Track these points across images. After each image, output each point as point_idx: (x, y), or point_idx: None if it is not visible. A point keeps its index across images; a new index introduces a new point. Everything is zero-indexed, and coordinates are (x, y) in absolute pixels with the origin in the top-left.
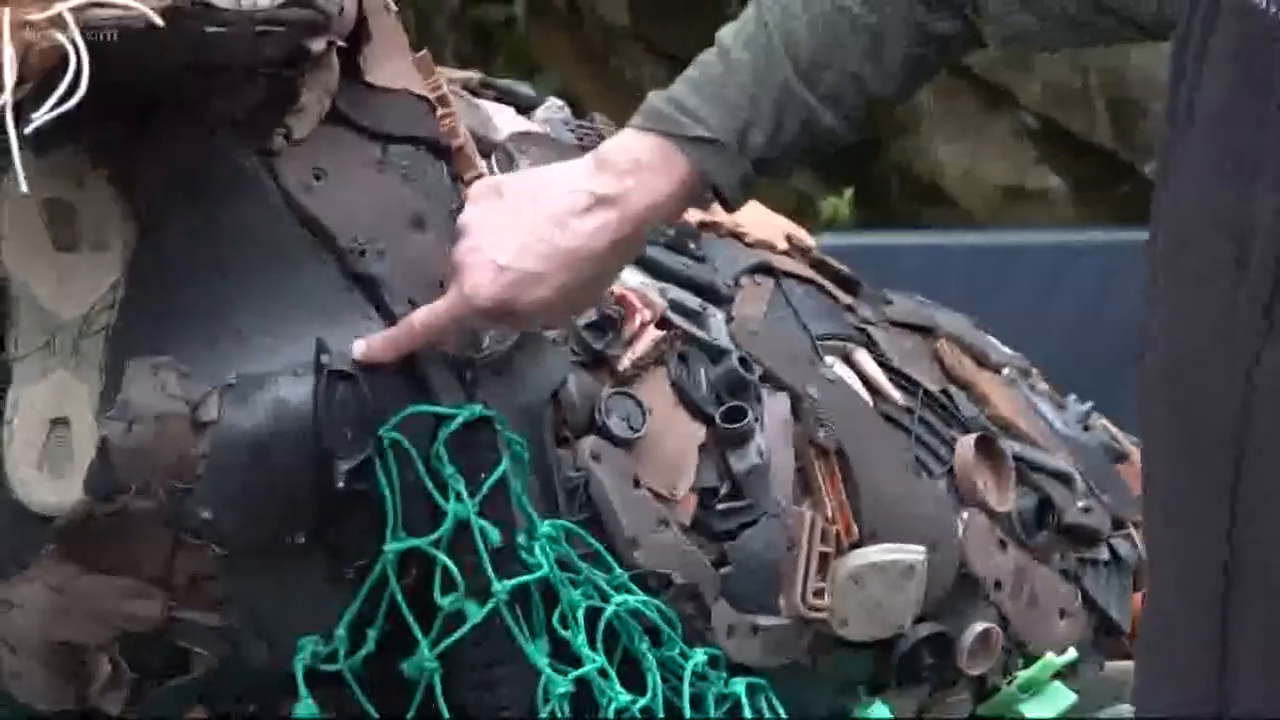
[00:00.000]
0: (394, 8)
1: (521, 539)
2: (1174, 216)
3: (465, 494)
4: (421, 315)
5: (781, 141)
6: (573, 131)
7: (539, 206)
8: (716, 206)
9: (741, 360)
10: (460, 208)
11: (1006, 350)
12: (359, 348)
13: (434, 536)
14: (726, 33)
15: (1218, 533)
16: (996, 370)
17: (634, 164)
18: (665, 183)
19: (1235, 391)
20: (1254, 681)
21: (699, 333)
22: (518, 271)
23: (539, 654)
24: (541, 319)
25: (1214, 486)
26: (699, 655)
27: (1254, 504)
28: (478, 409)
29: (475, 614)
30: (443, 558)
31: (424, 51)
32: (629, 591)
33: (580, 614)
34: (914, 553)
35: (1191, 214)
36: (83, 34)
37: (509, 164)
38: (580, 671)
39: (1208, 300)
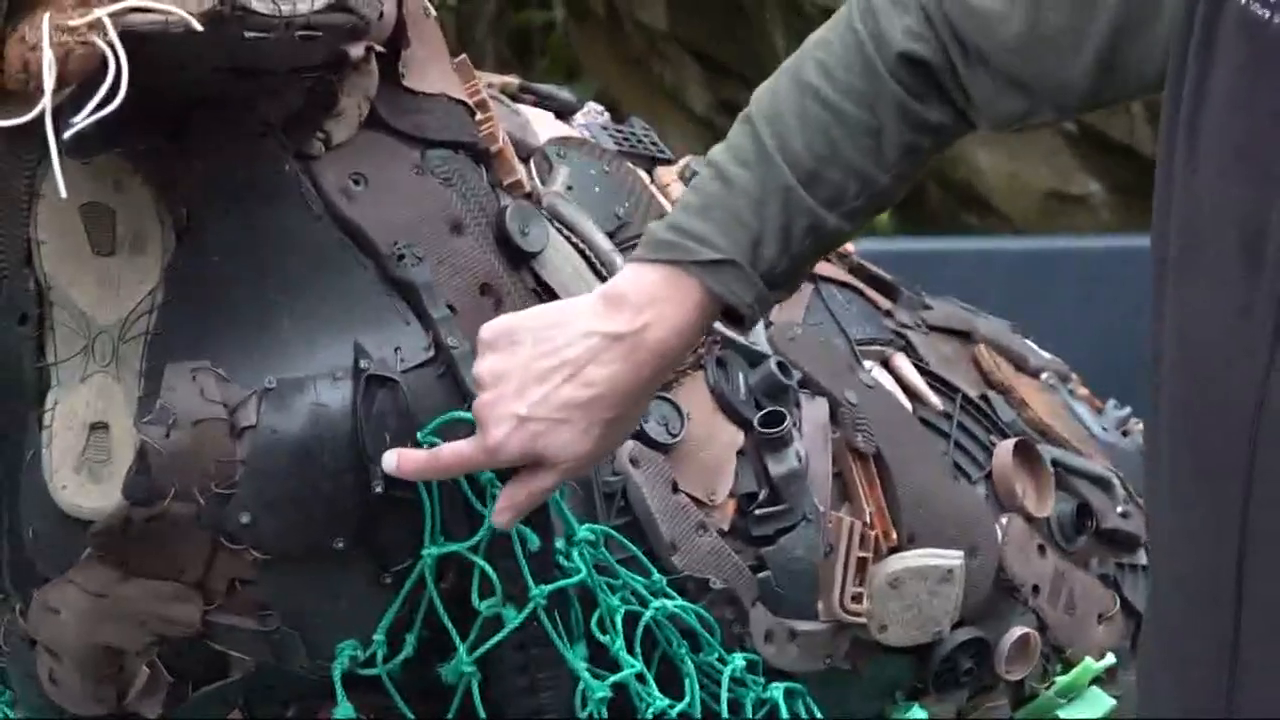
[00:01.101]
0: (434, 13)
1: (560, 544)
2: (1186, 219)
3: None
4: (449, 454)
5: (791, 251)
6: (612, 136)
7: (553, 352)
8: None
9: (780, 365)
10: (500, 212)
11: (1045, 355)
12: (390, 461)
13: (472, 541)
14: (718, 153)
15: (1230, 534)
16: (1035, 375)
17: (647, 298)
18: (680, 312)
19: (1250, 388)
20: (1265, 684)
21: (738, 337)
22: (539, 423)
23: (577, 659)
24: (571, 465)
25: (1227, 487)
26: (737, 660)
27: (1268, 504)
28: None
29: (513, 619)
30: (481, 562)
31: (463, 56)
32: (667, 596)
33: (618, 619)
34: (952, 557)
35: (1203, 215)
36: (122, 39)
37: (548, 169)
38: (618, 676)
39: (1222, 299)
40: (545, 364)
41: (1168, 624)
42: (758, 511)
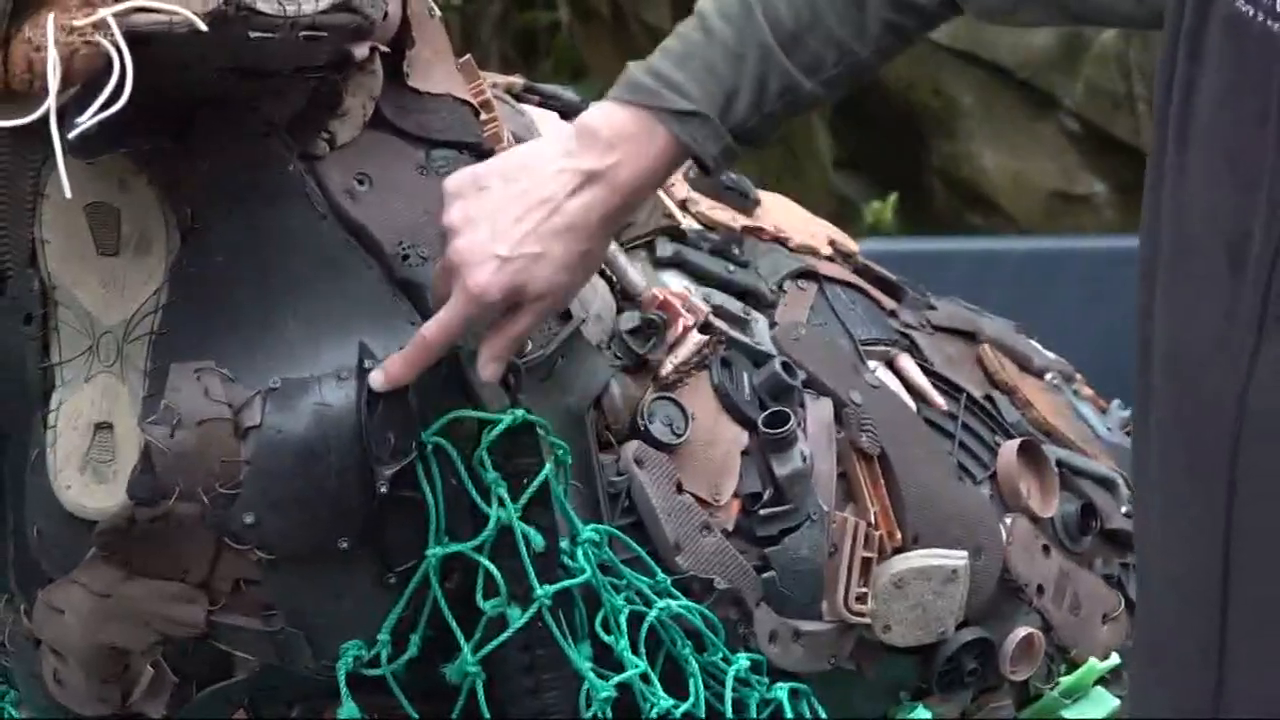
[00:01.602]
0: (438, 13)
1: (564, 544)
2: (1175, 223)
3: (508, 499)
4: (432, 327)
5: (764, 109)
6: None
7: (527, 191)
8: (760, 211)
9: (785, 365)
10: None
11: (1049, 355)
12: (377, 379)
13: (477, 541)
14: (705, 4)
15: (1216, 534)
16: (1039, 375)
17: (617, 137)
18: (649, 154)
19: (1233, 389)
20: (1252, 683)
21: (742, 338)
22: (521, 257)
23: (582, 659)
24: (549, 300)
25: (1212, 487)
26: (742, 660)
27: (1250, 507)
28: (521, 414)
29: (518, 619)
30: (485, 562)
31: (468, 56)
32: (672, 596)
33: (623, 619)
34: (957, 558)
35: (1191, 218)
36: (126, 39)
37: None
38: (623, 676)
39: (1209, 301)
40: (519, 202)
41: (1156, 625)
42: (762, 512)
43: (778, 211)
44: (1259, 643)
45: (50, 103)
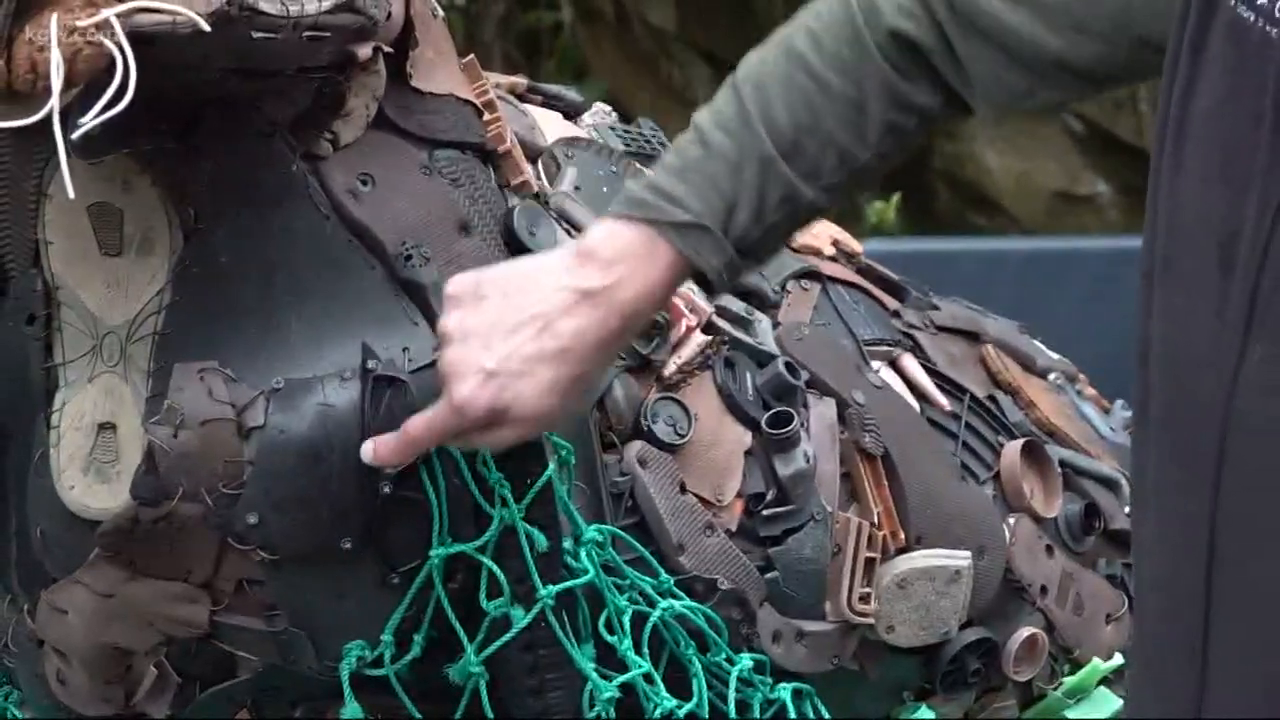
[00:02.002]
0: (441, 13)
1: (567, 544)
2: (1170, 221)
3: (511, 499)
4: (418, 425)
5: (765, 220)
6: (620, 136)
7: (523, 307)
8: None
9: (788, 365)
10: (508, 213)
11: (1053, 355)
12: (367, 451)
13: (480, 541)
14: (702, 117)
15: (1201, 535)
16: (1043, 375)
17: (618, 255)
18: (650, 271)
19: (1221, 390)
20: (1230, 685)
21: (745, 338)
22: (508, 375)
23: (585, 659)
24: (532, 423)
25: (1199, 489)
26: (745, 660)
27: (1233, 509)
28: None
29: (521, 619)
30: (489, 563)
31: (471, 57)
32: (675, 597)
33: (626, 619)
34: (960, 558)
35: (1185, 218)
36: (129, 39)
37: (555, 169)
38: (626, 677)
39: (1198, 302)
40: (513, 318)
41: (1146, 628)
42: (765, 512)
43: None
44: (1238, 644)
45: (53, 103)
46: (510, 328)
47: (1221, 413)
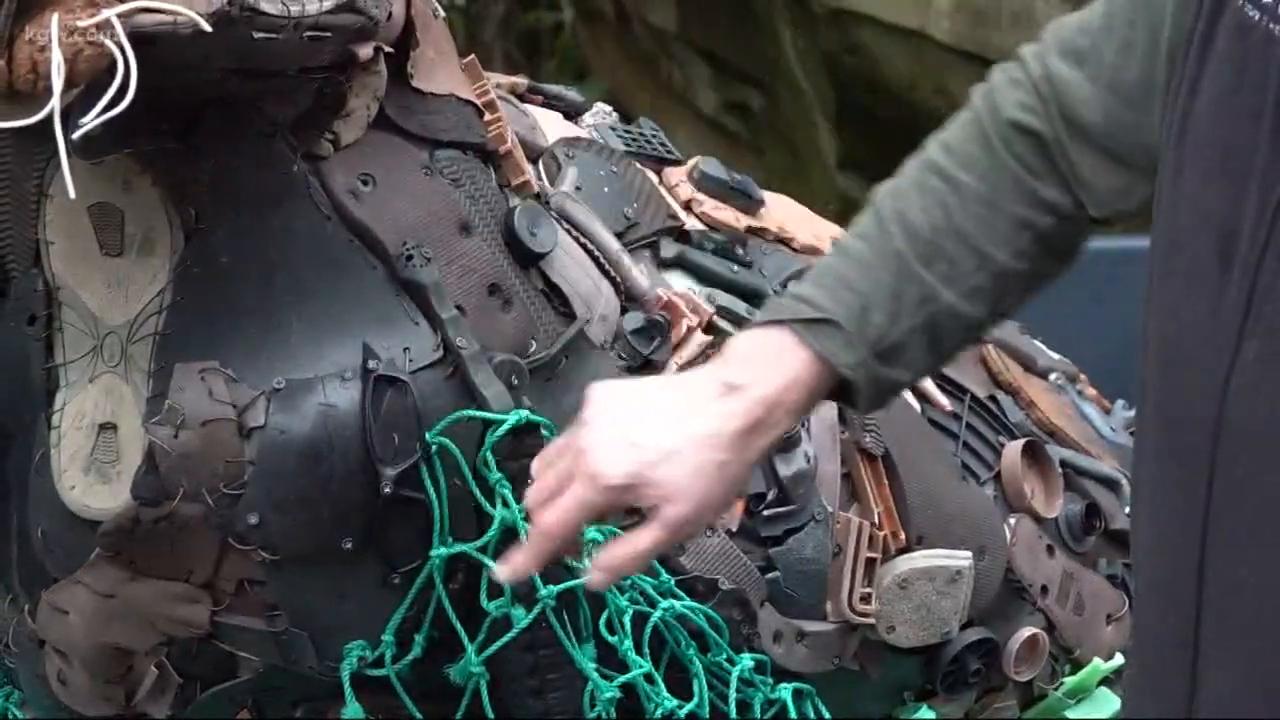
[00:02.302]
0: (442, 14)
1: None
2: (1169, 217)
3: (512, 499)
4: (551, 517)
5: (903, 323)
6: (621, 137)
7: (671, 397)
8: (764, 211)
9: None
10: (509, 213)
11: (1053, 355)
12: (504, 573)
13: (481, 542)
14: (843, 233)
15: (1194, 534)
16: (1043, 376)
17: (757, 353)
18: (790, 368)
19: (1215, 388)
20: (1220, 683)
21: None
22: (652, 448)
23: (586, 659)
24: (676, 507)
25: (1193, 488)
26: (745, 660)
27: (1225, 508)
28: (525, 414)
29: (522, 619)
30: (490, 563)
31: (471, 57)
32: (675, 597)
33: (627, 619)
34: (961, 558)
35: (1185, 214)
36: (130, 39)
37: (556, 169)
38: (627, 677)
39: (1195, 299)
40: (662, 403)
41: (1142, 627)
42: (766, 512)
43: (782, 212)
44: (1228, 643)
45: (54, 103)
46: (659, 410)
47: (1214, 411)
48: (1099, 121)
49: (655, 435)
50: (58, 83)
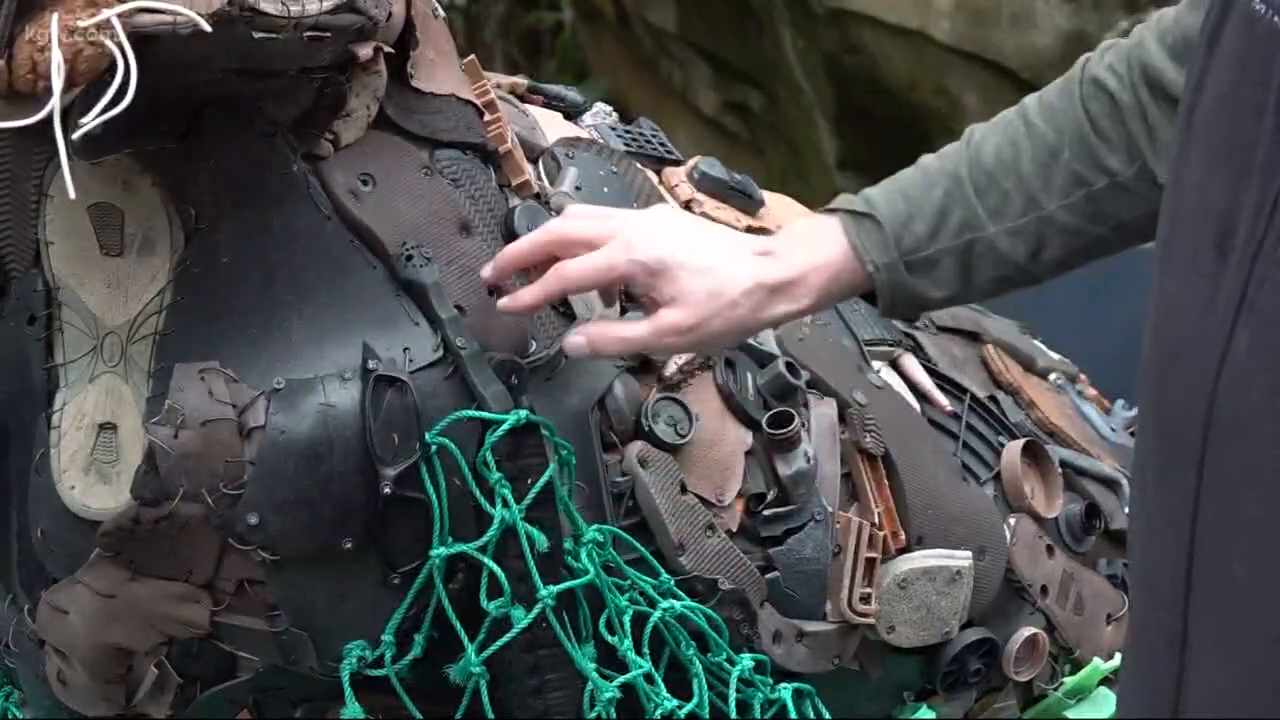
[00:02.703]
0: (442, 13)
1: (568, 544)
2: (1172, 209)
3: (512, 499)
4: (574, 265)
5: (941, 241)
6: (621, 136)
7: (721, 236)
8: (764, 211)
9: (789, 366)
10: (509, 213)
11: (1053, 355)
12: (505, 302)
13: (480, 542)
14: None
15: (1184, 528)
16: (1043, 376)
17: (803, 233)
18: (825, 252)
19: (1206, 381)
20: (1206, 678)
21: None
22: (689, 254)
23: (585, 659)
24: (671, 316)
25: (1184, 480)
26: (745, 661)
27: (1214, 503)
28: (524, 414)
29: (521, 619)
30: (489, 563)
31: (471, 57)
32: (675, 597)
33: (627, 619)
34: (961, 558)
35: (1187, 206)
36: (130, 39)
37: (556, 169)
38: (627, 677)
39: (1191, 292)
40: (708, 231)
41: (1134, 620)
42: (766, 512)
43: (782, 212)
44: (1216, 634)
45: (54, 103)
46: (706, 236)
47: (1206, 401)
48: (1177, 81)
49: (697, 249)
50: (58, 83)
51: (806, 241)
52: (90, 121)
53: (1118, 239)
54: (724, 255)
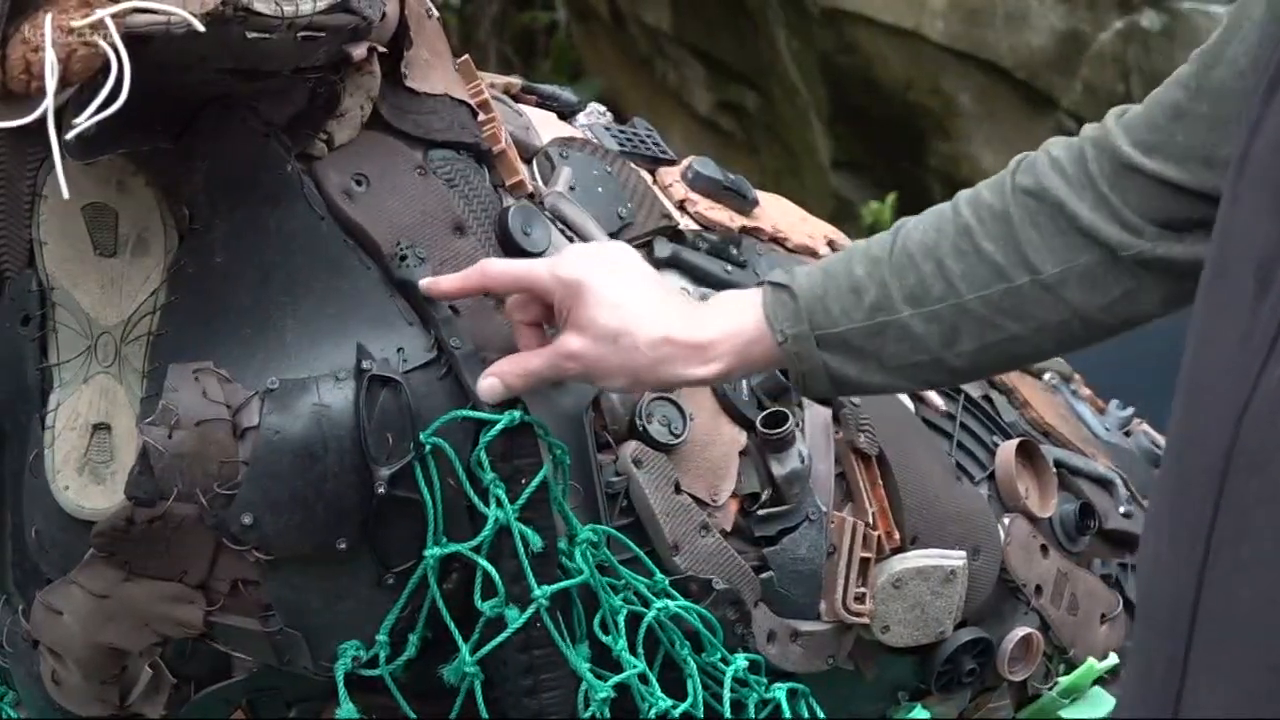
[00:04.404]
0: (436, 13)
1: (562, 544)
2: (1218, 250)
3: (506, 500)
4: (498, 264)
5: (853, 320)
6: (615, 136)
7: (652, 283)
8: (758, 211)
9: None
10: (503, 213)
11: None
12: (430, 285)
13: (475, 542)
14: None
15: (1194, 559)
16: (1037, 375)
17: (730, 299)
18: (741, 319)
19: (1231, 415)
20: (1207, 704)
21: None
22: (608, 284)
23: (580, 659)
24: (573, 341)
25: (1199, 514)
26: (740, 660)
27: (1226, 534)
28: (518, 414)
29: (516, 619)
30: (484, 563)
31: (466, 57)
32: (670, 597)
33: (621, 619)
34: (955, 558)
35: (1233, 247)
36: (124, 40)
37: (550, 169)
38: (621, 677)
39: (1226, 329)
40: (641, 272)
41: (1138, 644)
42: (760, 512)
43: (776, 211)
44: (1212, 663)
45: (48, 103)
46: (639, 278)
47: (1229, 435)
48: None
49: (618, 284)
50: (51, 83)
51: (726, 310)
52: (84, 121)
53: (1038, 340)
54: (641, 298)
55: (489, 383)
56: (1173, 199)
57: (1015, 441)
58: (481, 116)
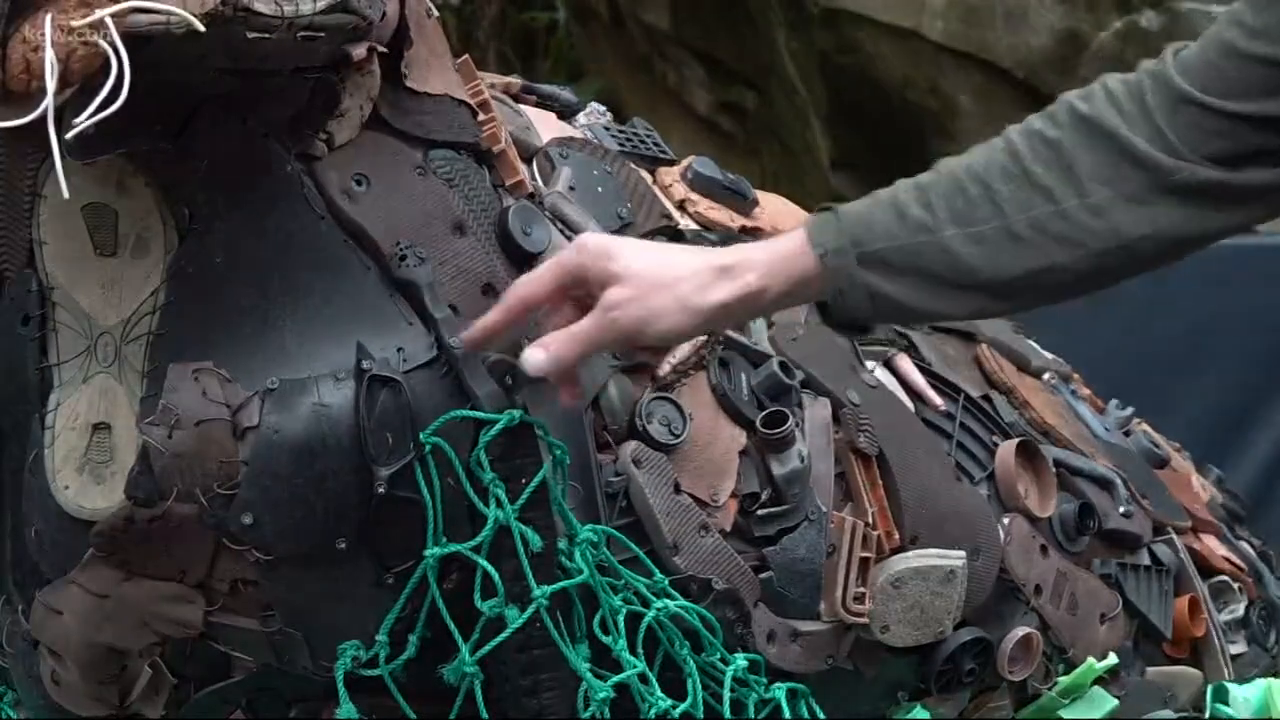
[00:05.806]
0: (436, 13)
1: (562, 544)
2: None
3: (505, 499)
4: (528, 276)
5: (898, 237)
6: (614, 136)
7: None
8: (757, 211)
9: (782, 365)
10: (503, 213)
11: (1047, 355)
12: (465, 336)
13: (474, 542)
14: None
15: None
16: (1037, 375)
17: (761, 241)
18: (784, 241)
19: None
20: None
21: (740, 338)
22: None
23: (580, 659)
24: (616, 292)
25: None
26: (739, 660)
27: None
28: (518, 414)
29: (515, 619)
30: (483, 563)
31: (465, 57)
32: (669, 597)
33: (621, 619)
34: (955, 558)
35: None
36: (124, 39)
37: (550, 169)
38: (621, 677)
39: None
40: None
41: None
42: (760, 512)
43: (775, 211)
44: None
45: (48, 103)
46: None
47: None
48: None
49: (648, 244)
50: (51, 83)
51: (769, 239)
52: (84, 121)
53: (1078, 269)
54: (675, 248)
55: (534, 353)
56: (1230, 131)
57: (1015, 441)
58: (481, 116)
